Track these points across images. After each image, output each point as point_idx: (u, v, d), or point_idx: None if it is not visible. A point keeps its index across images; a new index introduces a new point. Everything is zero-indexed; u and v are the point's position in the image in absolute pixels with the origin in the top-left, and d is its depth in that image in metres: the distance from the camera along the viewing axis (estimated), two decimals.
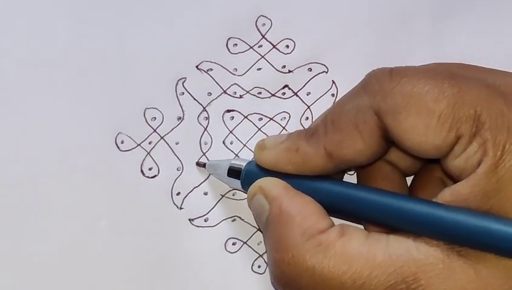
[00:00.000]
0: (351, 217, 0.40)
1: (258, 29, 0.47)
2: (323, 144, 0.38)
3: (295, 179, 0.39)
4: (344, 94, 0.42)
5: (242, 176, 0.42)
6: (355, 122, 0.37)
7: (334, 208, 0.39)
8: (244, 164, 0.43)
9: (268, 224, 0.38)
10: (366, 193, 0.38)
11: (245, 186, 0.42)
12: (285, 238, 0.37)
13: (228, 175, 0.43)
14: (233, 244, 0.46)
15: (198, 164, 0.46)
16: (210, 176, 0.46)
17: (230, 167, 0.43)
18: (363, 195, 0.38)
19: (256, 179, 0.41)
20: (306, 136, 0.39)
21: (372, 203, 0.37)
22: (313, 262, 0.35)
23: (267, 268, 0.46)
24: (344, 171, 0.43)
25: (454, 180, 0.37)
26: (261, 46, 0.47)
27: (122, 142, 0.45)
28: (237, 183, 0.43)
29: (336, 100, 0.40)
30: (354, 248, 0.35)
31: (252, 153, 0.47)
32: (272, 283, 0.39)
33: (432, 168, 0.41)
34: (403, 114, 0.36)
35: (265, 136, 0.47)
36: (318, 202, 0.38)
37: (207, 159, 0.46)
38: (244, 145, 0.47)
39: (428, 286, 0.34)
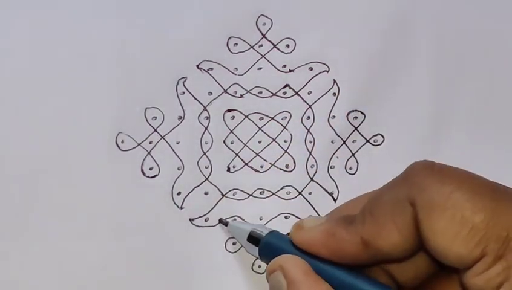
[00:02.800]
0: None
1: (259, 29, 0.47)
2: (360, 233, 0.37)
3: (320, 261, 0.39)
4: (344, 95, 0.41)
5: (261, 245, 0.41)
6: (392, 214, 0.36)
7: None
8: (265, 232, 0.41)
9: None
10: None
11: (262, 256, 0.41)
12: None
13: (248, 240, 0.42)
14: (233, 244, 0.46)
15: (221, 221, 0.46)
16: (211, 176, 0.46)
17: (250, 233, 0.42)
18: None
19: (275, 252, 0.39)
20: (345, 223, 0.38)
21: None
22: None
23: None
24: (378, 264, 0.41)
25: None
26: (261, 45, 0.47)
27: (122, 141, 0.45)
28: (255, 250, 0.42)
29: (376, 191, 0.40)
30: None
31: (251, 153, 0.47)
32: None
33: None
34: (436, 213, 0.34)
35: (266, 136, 0.47)
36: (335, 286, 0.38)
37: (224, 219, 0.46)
38: (245, 145, 0.47)
39: None
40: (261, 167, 0.47)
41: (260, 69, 0.47)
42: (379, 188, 0.39)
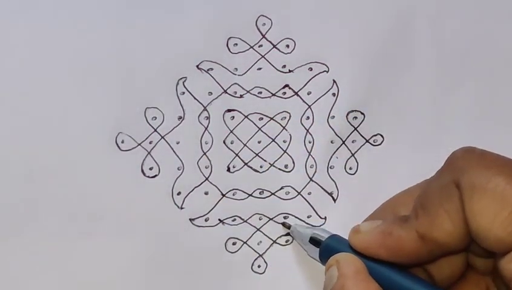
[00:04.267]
0: None
1: (259, 29, 0.47)
2: (415, 228, 0.37)
3: (378, 264, 0.39)
4: (344, 96, 0.41)
5: (322, 247, 0.42)
6: (440, 201, 0.37)
7: None
8: (326, 236, 0.43)
9: None
10: None
11: (322, 258, 0.42)
12: None
13: (310, 242, 0.43)
14: (233, 244, 0.46)
15: (284, 224, 0.46)
16: (211, 176, 0.46)
17: (312, 236, 0.43)
18: None
19: (334, 254, 0.40)
20: (400, 221, 0.39)
21: None
22: None
23: (266, 268, 0.46)
24: (436, 259, 0.40)
25: (504, 283, 0.36)
26: (261, 45, 0.47)
27: (123, 141, 0.45)
28: (316, 252, 0.43)
29: (423, 183, 0.40)
30: None
31: (251, 153, 0.47)
32: None
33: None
34: (477, 194, 0.35)
35: (265, 136, 0.47)
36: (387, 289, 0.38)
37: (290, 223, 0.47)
38: (245, 145, 0.47)
39: None
40: (261, 167, 0.47)
41: (260, 69, 0.47)
42: (426, 180, 0.40)
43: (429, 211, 0.37)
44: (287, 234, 0.47)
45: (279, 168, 0.47)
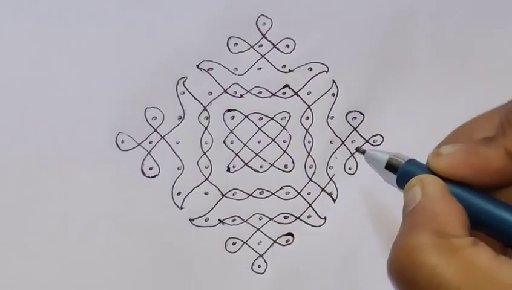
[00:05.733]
0: (495, 236, 0.39)
1: (259, 29, 0.47)
2: (503, 145, 0.36)
3: (458, 187, 0.38)
4: (343, 96, 0.41)
5: (400, 173, 0.40)
6: None
7: (476, 221, 0.38)
8: (403, 160, 0.40)
9: (411, 212, 0.36)
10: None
11: (400, 184, 0.40)
12: (419, 228, 0.35)
13: (386, 168, 0.42)
14: (233, 244, 0.46)
15: (357, 149, 0.43)
16: (211, 176, 0.46)
17: (388, 161, 0.40)
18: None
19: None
20: (486, 140, 0.37)
21: None
22: (436, 260, 0.34)
23: (266, 268, 0.46)
24: None
25: None
26: (261, 45, 0.47)
27: (122, 141, 0.45)
28: (392, 177, 0.40)
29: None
30: (482, 260, 0.34)
31: (251, 153, 0.47)
32: (387, 265, 0.38)
33: None
34: None
35: (265, 136, 0.47)
36: (470, 213, 0.37)
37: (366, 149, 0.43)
38: (245, 144, 0.47)
39: None
40: (261, 167, 0.47)
41: (260, 69, 0.47)
42: (503, 104, 0.39)
43: None
44: (287, 234, 0.47)
45: (279, 168, 0.47)
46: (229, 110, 0.47)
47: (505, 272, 0.33)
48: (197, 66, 0.47)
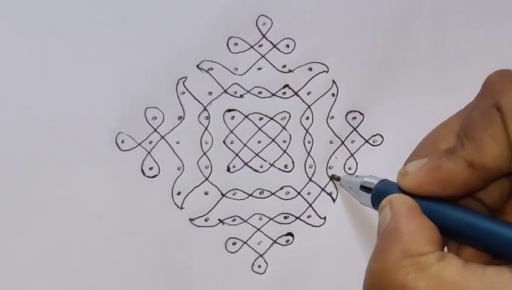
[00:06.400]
0: (473, 245, 0.40)
1: (259, 29, 0.47)
2: (463, 157, 0.37)
3: (429, 202, 0.38)
4: (343, 96, 0.41)
5: (373, 192, 0.42)
6: (483, 126, 0.36)
7: (452, 232, 0.38)
8: (376, 182, 0.42)
9: (380, 235, 0.38)
10: (496, 225, 0.37)
11: (374, 203, 0.42)
12: (386, 251, 0.36)
13: (361, 189, 0.43)
14: (233, 244, 0.46)
15: (332, 177, 0.47)
16: (211, 176, 0.46)
17: (362, 183, 0.43)
18: (490, 226, 0.37)
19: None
20: (447, 154, 0.38)
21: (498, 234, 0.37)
22: (405, 279, 0.35)
23: (266, 268, 0.46)
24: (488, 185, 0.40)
25: None
26: (261, 45, 0.47)
27: (122, 141, 0.45)
28: (368, 198, 0.42)
29: (461, 112, 0.40)
30: (449, 274, 0.35)
31: (251, 153, 0.47)
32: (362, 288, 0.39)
33: None
34: None
35: (265, 136, 0.47)
36: (440, 225, 0.38)
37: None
38: (245, 145, 0.47)
39: None
40: (261, 167, 0.47)
41: (260, 69, 0.47)
42: (463, 110, 0.39)
43: (474, 137, 0.36)
44: (287, 234, 0.47)
45: (279, 168, 0.47)
46: (229, 110, 0.47)
47: (474, 282, 0.34)
48: (197, 66, 0.47)
